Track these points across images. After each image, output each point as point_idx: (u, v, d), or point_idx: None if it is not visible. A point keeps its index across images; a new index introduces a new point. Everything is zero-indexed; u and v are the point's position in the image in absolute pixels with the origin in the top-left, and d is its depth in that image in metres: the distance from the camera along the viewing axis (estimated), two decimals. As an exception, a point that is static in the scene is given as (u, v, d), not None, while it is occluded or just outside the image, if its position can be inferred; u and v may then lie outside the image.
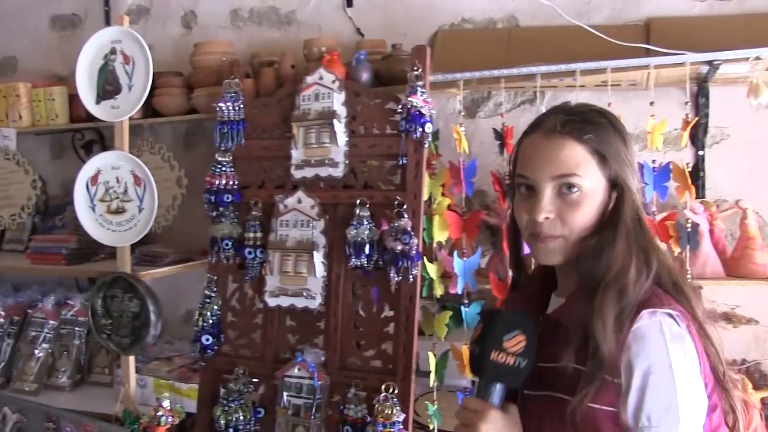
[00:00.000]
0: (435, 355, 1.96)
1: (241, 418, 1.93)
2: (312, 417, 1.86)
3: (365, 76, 2.12)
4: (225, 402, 1.94)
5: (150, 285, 2.21)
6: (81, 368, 2.63)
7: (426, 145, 1.90)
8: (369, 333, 1.93)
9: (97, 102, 2.22)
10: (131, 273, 2.20)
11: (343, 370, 1.93)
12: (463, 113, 2.31)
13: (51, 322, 2.56)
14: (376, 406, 1.81)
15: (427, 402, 1.95)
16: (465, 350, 1.92)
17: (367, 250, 1.88)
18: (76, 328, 2.61)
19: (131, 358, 2.24)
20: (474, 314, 1.95)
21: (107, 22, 2.87)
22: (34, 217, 2.88)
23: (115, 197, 2.17)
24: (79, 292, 2.78)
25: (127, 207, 2.16)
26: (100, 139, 2.81)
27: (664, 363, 1.07)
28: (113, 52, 2.19)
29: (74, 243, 2.43)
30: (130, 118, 2.34)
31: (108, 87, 2.20)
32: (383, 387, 1.82)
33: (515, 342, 1.12)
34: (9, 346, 2.62)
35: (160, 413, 2.03)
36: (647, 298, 1.12)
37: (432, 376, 1.95)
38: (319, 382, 1.87)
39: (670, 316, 1.10)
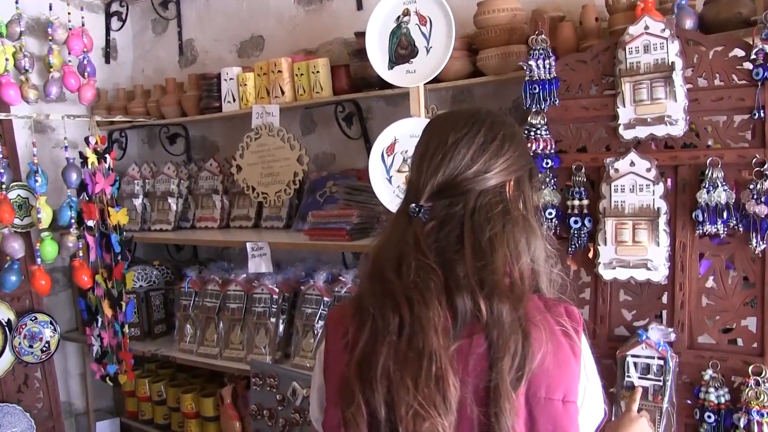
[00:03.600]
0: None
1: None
2: (663, 400, 1.69)
3: (689, 23, 1.90)
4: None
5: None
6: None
7: (787, 95, 1.67)
8: (725, 308, 1.72)
9: (390, 67, 2.13)
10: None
11: (693, 349, 1.74)
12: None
13: (326, 299, 2.54)
14: (746, 391, 1.62)
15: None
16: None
17: (725, 215, 1.68)
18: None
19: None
20: None
21: (358, -6, 2.80)
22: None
23: (414, 167, 2.08)
24: (345, 268, 2.75)
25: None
26: (357, 111, 2.76)
27: None
28: (406, 13, 2.10)
29: (356, 218, 2.38)
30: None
31: (401, 51, 2.11)
32: (750, 369, 1.63)
33: None
34: (284, 322, 2.63)
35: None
36: None
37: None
38: (672, 362, 1.69)
39: None
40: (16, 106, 2.89)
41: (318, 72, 2.61)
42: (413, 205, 1.11)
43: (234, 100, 2.90)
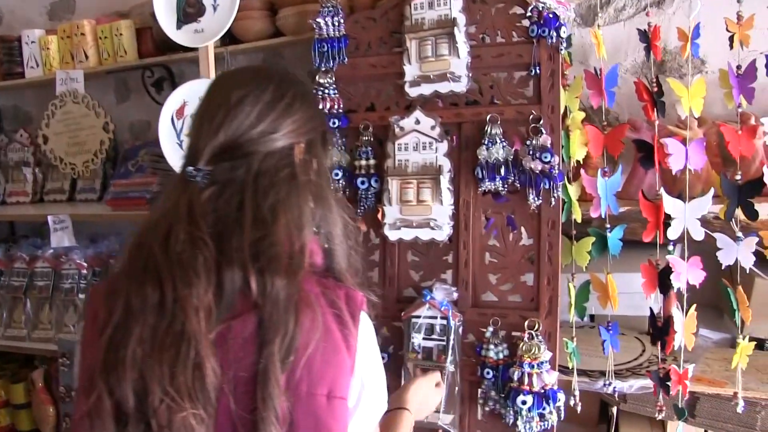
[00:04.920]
0: (574, 287, 1.76)
1: (365, 363, 1.76)
2: (446, 360, 1.68)
3: (476, -21, 1.88)
4: (346, 346, 1.77)
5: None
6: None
7: (562, 52, 1.68)
8: (505, 265, 1.73)
9: (178, 27, 2.00)
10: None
11: (477, 307, 1.74)
12: (578, 21, 2.08)
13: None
14: (521, 345, 1.63)
15: (565, 339, 1.75)
16: (610, 280, 1.72)
17: (502, 171, 1.67)
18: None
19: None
20: (617, 240, 1.74)
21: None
22: (105, 164, 2.70)
23: (205, 130, 1.96)
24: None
25: (220, 140, 1.96)
26: (169, 76, 2.61)
27: None
28: (192, -31, 1.97)
29: (156, 186, 2.25)
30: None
31: (189, 9, 1.98)
32: (526, 324, 1.64)
33: None
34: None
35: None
36: None
37: (571, 310, 1.75)
38: (454, 322, 1.68)
39: None
40: None
41: (121, 35, 2.44)
42: (190, 168, 0.99)
43: (37, 65, 2.68)
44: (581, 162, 1.74)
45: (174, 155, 2.01)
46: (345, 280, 1.05)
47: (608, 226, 1.72)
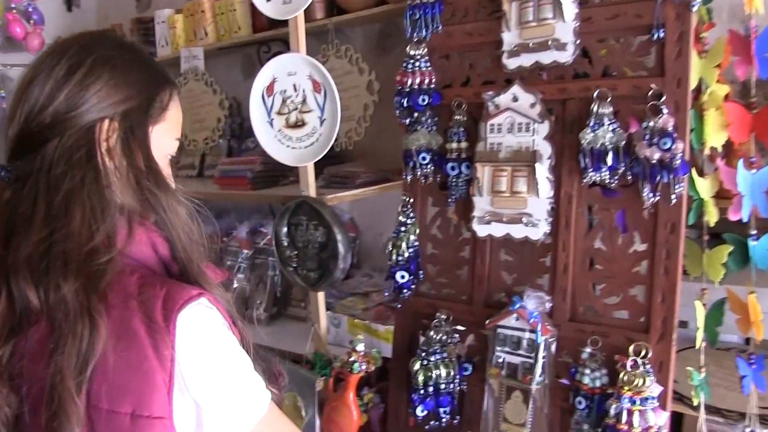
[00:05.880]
0: (704, 304, 1.42)
1: (443, 374, 1.54)
2: (532, 381, 1.42)
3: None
4: (424, 354, 1.57)
5: (342, 210, 1.88)
6: (277, 300, 2.43)
7: (694, 9, 1.32)
8: (612, 273, 1.42)
9: (267, -1, 1.88)
10: (315, 197, 1.88)
11: (575, 321, 1.45)
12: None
13: (245, 251, 2.36)
14: (622, 373, 1.33)
15: (690, 369, 1.41)
16: (751, 300, 1.36)
17: (609, 159, 1.36)
18: (269, 258, 2.38)
19: (320, 295, 1.95)
20: (765, 250, 1.37)
21: None
22: (230, 141, 2.70)
23: (293, 108, 1.84)
24: (273, 218, 2.57)
25: (307, 119, 1.82)
26: (287, 50, 2.51)
27: None
28: (286, -66, 1.83)
29: (259, 165, 2.17)
30: (312, 20, 2.00)
31: (278, -22, 1.85)
32: (631, 348, 1.34)
33: None
34: (208, 276, 2.48)
35: (353, 359, 1.74)
36: None
37: (699, 333, 1.41)
38: (544, 337, 1.42)
39: None
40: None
41: (235, 10, 2.38)
42: None
43: (167, 44, 2.72)
44: (717, 149, 1.38)
45: (265, 135, 1.90)
46: (191, 271, 0.89)
47: (753, 232, 1.36)
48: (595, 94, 1.39)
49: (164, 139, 0.98)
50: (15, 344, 0.81)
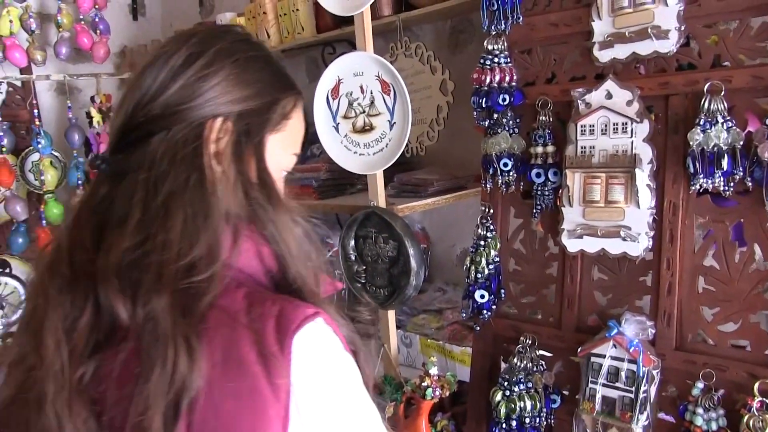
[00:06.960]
0: None
1: (528, 407, 1.38)
2: (633, 419, 1.24)
3: None
4: (506, 383, 1.40)
5: (413, 220, 1.74)
6: (344, 315, 2.30)
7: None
8: (727, 296, 1.22)
9: (330, -6, 1.76)
10: (385, 207, 1.74)
11: (683, 351, 1.26)
12: None
13: (309, 263, 2.26)
14: (746, 417, 1.13)
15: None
16: None
17: (725, 163, 1.17)
18: (336, 271, 2.26)
19: (390, 314, 1.81)
20: None
21: None
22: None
23: (360, 112, 1.70)
24: (340, 228, 2.46)
25: (376, 123, 1.68)
26: (353, 50, 2.39)
27: None
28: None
29: (324, 173, 2.06)
30: (379, 17, 1.87)
31: (344, -28, 1.73)
32: (757, 386, 1.14)
33: None
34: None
35: (426, 383, 1.60)
36: None
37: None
38: (646, 368, 1.23)
39: None
40: (22, 66, 2.82)
41: (297, 10, 2.27)
42: (92, 155, 0.79)
43: (230, 48, 2.64)
44: None
45: (331, 141, 1.78)
46: (304, 288, 0.77)
47: None
48: (705, 88, 1.20)
49: (281, 151, 0.87)
50: (99, 363, 0.70)
